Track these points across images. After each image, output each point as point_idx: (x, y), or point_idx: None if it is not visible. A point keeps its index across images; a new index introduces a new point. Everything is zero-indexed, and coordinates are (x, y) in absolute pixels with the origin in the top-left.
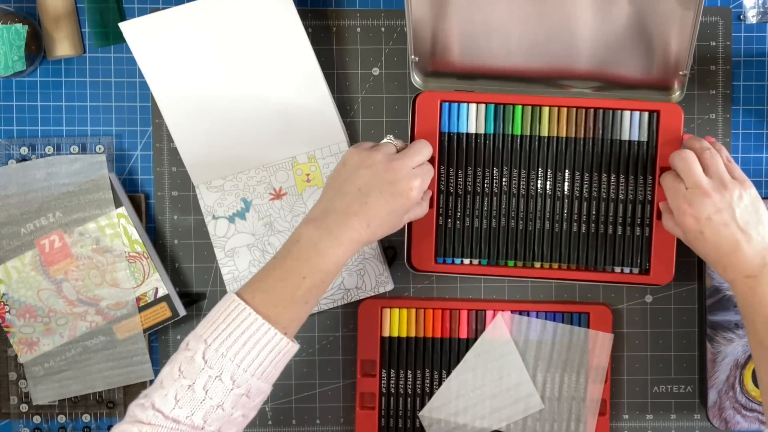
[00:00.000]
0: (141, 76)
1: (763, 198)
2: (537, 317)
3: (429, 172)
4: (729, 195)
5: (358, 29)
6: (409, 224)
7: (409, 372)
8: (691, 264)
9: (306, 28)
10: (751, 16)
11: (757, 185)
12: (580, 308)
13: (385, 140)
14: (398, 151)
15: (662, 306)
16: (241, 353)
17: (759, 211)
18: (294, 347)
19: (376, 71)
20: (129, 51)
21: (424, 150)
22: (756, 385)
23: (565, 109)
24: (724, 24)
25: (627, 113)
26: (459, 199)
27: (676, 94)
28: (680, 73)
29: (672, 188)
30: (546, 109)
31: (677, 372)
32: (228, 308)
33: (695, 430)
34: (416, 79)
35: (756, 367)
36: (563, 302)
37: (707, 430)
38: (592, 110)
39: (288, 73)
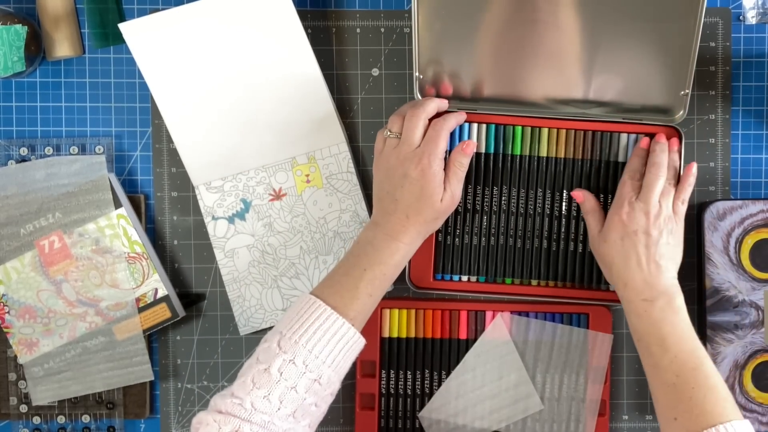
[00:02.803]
0: (141, 76)
1: (763, 198)
2: (536, 318)
3: (432, 141)
4: (663, 228)
5: (358, 30)
6: None
7: (409, 373)
8: (691, 265)
9: (306, 28)
10: (751, 17)
11: (757, 186)
12: (580, 309)
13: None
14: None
15: None
16: (312, 340)
17: (677, 250)
18: (361, 341)
19: (375, 72)
20: (129, 51)
21: (415, 129)
22: (756, 386)
23: (564, 130)
24: (723, 25)
25: (624, 135)
26: (458, 217)
27: (678, 115)
28: (681, 93)
29: (628, 184)
30: (545, 130)
31: None
32: (300, 303)
33: None
34: (419, 98)
35: (651, 388)
36: (563, 303)
37: None
38: (590, 132)
39: (288, 73)
